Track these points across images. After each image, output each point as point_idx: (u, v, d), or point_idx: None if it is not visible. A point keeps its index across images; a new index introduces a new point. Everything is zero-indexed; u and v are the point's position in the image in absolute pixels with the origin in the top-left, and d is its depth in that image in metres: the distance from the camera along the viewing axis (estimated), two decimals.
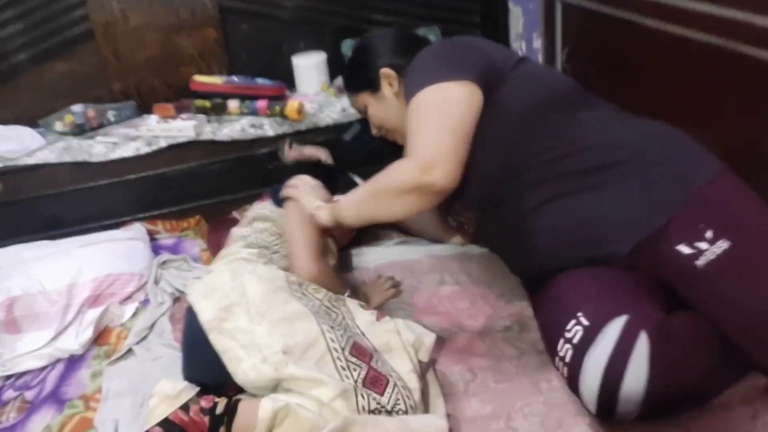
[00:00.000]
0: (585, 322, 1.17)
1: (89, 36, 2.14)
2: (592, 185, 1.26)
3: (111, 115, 2.14)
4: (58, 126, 2.09)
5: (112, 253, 1.74)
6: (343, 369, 1.15)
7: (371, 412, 1.12)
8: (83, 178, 2.00)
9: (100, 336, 1.59)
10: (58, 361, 1.52)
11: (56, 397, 1.41)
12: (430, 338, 1.29)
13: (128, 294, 1.70)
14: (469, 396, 1.28)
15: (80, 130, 2.08)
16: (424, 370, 1.27)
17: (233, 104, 2.13)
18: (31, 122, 2.13)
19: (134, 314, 1.66)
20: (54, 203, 2.00)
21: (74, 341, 1.55)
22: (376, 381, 1.16)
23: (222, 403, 1.13)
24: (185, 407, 1.12)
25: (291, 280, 1.33)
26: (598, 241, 1.26)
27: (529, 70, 1.38)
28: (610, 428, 1.16)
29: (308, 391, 1.11)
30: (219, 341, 1.18)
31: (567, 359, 1.19)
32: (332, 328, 1.21)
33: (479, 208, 1.40)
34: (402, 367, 1.21)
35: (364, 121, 2.14)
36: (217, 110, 2.13)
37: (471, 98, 1.28)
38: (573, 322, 1.19)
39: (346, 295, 1.43)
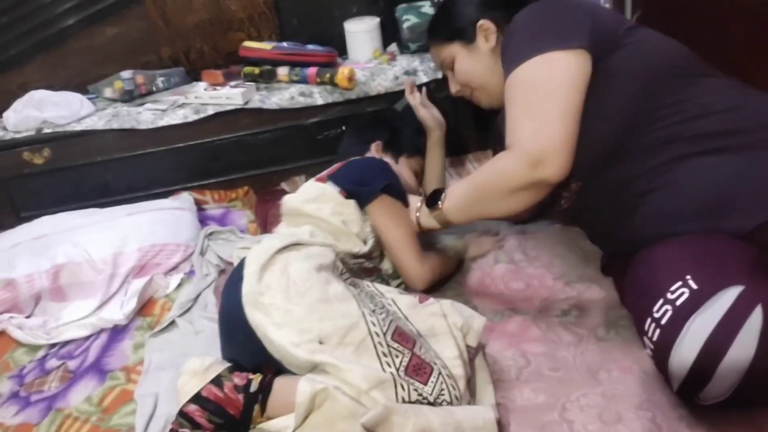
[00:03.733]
0: (693, 285, 1.04)
1: (138, 0, 2.10)
2: (726, 148, 1.15)
3: (160, 81, 2.11)
4: (108, 92, 2.08)
5: (159, 223, 1.72)
6: (385, 355, 1.09)
7: (412, 403, 1.05)
8: (131, 146, 1.98)
9: (144, 307, 1.58)
10: (101, 331, 1.51)
11: (98, 368, 1.40)
12: (479, 322, 1.20)
13: (174, 265, 1.68)
14: (521, 384, 1.21)
15: (129, 96, 2.06)
16: (472, 355, 1.20)
17: (282, 71, 2.07)
18: (81, 88, 2.11)
19: (179, 285, 1.64)
20: (102, 171, 1.99)
21: (119, 311, 1.54)
22: (419, 369, 1.08)
23: (256, 380, 1.09)
24: (218, 383, 1.09)
25: (337, 265, 1.28)
26: (726, 210, 1.13)
27: (647, 35, 1.27)
28: (675, 423, 1.07)
29: (345, 376, 1.06)
30: (253, 315, 1.14)
31: (663, 321, 1.05)
32: (373, 311, 1.15)
33: (583, 178, 1.26)
34: (447, 352, 1.12)
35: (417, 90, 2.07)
36: (266, 77, 2.08)
37: (581, 70, 1.18)
38: (679, 283, 1.05)
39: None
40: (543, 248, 1.57)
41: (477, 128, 2.17)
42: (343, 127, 2.06)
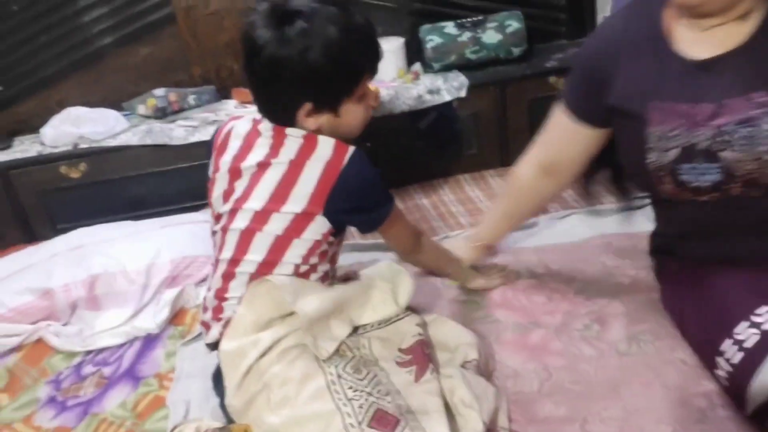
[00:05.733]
0: None
1: (171, 20, 2.17)
2: None
3: (191, 99, 2.18)
4: (141, 109, 2.15)
5: (190, 236, 1.77)
6: None
7: None
8: (164, 161, 2.05)
9: (175, 316, 1.63)
10: (135, 339, 1.56)
11: (132, 375, 1.45)
12: (489, 403, 1.15)
13: (204, 276, 1.71)
14: (542, 396, 1.23)
15: (162, 113, 2.12)
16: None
17: None
18: (116, 105, 2.19)
19: None
20: (135, 184, 2.06)
21: (151, 320, 1.59)
22: None
23: None
24: None
25: (318, 344, 1.15)
26: None
27: None
28: None
29: None
30: (248, 419, 1.15)
31: (747, 344, 1.03)
32: (350, 400, 1.08)
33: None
34: (438, 429, 1.07)
35: (440, 108, 2.12)
36: None
37: None
38: (766, 308, 1.04)
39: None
40: (564, 262, 1.59)
41: (500, 146, 2.21)
42: (368, 144, 2.10)
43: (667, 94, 1.11)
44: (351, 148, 1.16)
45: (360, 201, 1.20)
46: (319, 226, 1.17)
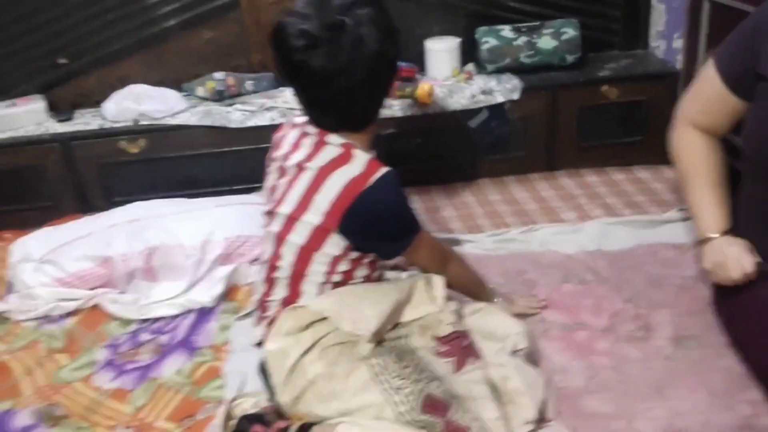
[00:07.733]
0: None
1: (234, 6, 2.22)
2: None
3: (249, 84, 2.22)
4: (200, 91, 2.20)
5: (244, 216, 1.81)
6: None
7: None
8: (220, 142, 2.10)
9: (229, 292, 1.68)
10: (189, 311, 1.61)
11: (187, 345, 1.50)
12: (539, 393, 1.19)
13: (256, 256, 1.76)
14: (589, 393, 1.27)
15: (220, 96, 2.17)
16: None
17: None
18: (175, 85, 2.24)
19: None
20: (191, 163, 2.11)
21: (206, 294, 1.64)
22: None
23: (294, 425, 1.16)
24: (265, 422, 1.16)
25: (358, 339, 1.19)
26: None
27: None
28: None
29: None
30: (302, 412, 1.19)
31: None
32: (398, 389, 1.12)
33: None
34: (487, 413, 1.11)
35: (491, 108, 2.15)
36: None
37: None
38: None
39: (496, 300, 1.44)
40: (614, 269, 1.61)
41: (547, 151, 2.24)
42: (419, 140, 2.15)
43: None
44: (382, 170, 1.15)
45: (377, 227, 1.18)
46: (336, 242, 1.19)
